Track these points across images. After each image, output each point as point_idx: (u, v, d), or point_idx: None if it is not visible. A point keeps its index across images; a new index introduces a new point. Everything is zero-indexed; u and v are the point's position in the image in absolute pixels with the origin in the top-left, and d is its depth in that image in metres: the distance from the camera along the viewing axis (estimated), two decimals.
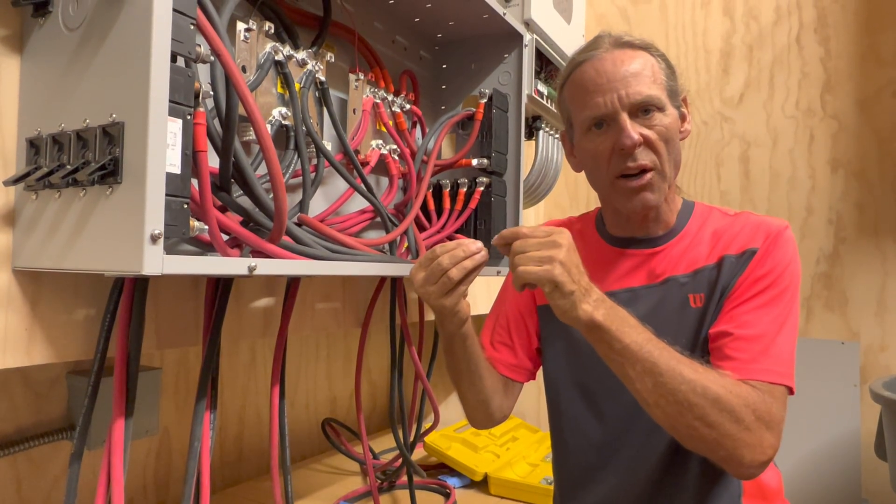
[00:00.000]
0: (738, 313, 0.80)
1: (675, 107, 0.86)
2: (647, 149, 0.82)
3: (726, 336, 0.79)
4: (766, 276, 0.81)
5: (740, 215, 0.89)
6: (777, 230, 0.84)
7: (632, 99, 0.81)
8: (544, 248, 0.71)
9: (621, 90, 0.82)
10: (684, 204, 0.93)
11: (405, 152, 1.09)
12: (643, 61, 0.83)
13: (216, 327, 0.77)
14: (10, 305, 0.63)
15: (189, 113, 0.60)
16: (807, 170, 1.70)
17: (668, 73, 0.86)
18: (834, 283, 1.65)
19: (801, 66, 1.71)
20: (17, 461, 1.03)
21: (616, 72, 0.82)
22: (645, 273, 0.89)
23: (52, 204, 0.61)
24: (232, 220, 0.70)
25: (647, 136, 0.82)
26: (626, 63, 0.82)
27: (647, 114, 0.82)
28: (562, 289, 0.70)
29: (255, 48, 0.84)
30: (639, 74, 0.82)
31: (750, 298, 0.80)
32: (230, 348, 1.43)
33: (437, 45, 1.31)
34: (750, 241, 0.84)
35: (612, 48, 0.85)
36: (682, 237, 0.89)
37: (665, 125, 0.83)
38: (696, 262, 0.86)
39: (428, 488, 1.48)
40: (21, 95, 0.65)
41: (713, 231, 0.88)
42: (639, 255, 0.91)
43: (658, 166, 0.83)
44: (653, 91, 0.82)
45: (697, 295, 0.85)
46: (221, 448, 1.42)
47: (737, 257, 0.84)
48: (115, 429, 0.66)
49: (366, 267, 0.85)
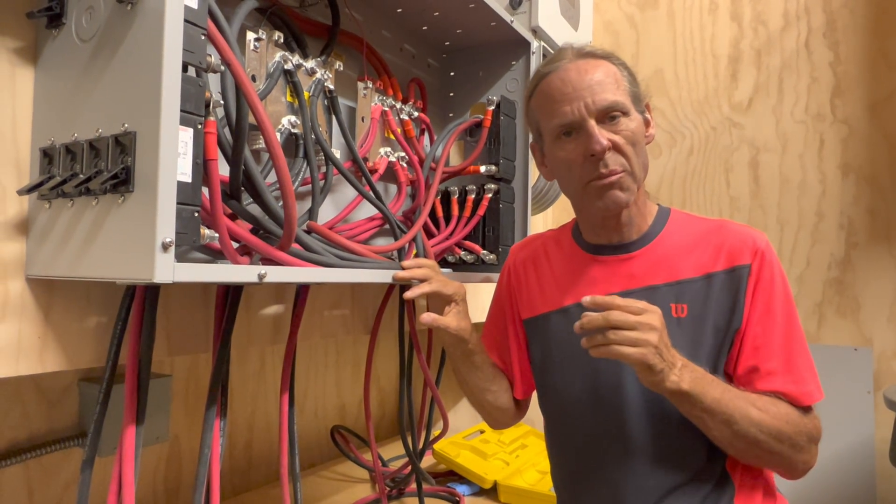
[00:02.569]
0: (761, 345, 0.82)
1: (640, 112, 0.88)
2: (615, 153, 0.84)
3: (757, 371, 0.82)
4: (768, 297, 0.83)
5: (720, 225, 0.89)
6: (763, 244, 0.85)
7: (598, 105, 0.83)
8: (641, 330, 0.73)
9: (587, 98, 0.83)
10: (659, 210, 0.93)
11: (413, 159, 1.09)
12: (605, 69, 0.86)
13: (226, 334, 0.78)
14: (24, 313, 0.64)
15: (200, 122, 0.60)
16: (817, 175, 1.68)
17: (631, 80, 0.88)
18: (846, 288, 1.63)
19: (810, 71, 1.71)
20: (29, 468, 1.03)
21: (581, 80, 0.84)
22: (622, 279, 0.89)
23: (65, 213, 0.61)
24: (242, 228, 0.71)
25: (615, 141, 0.84)
26: (589, 72, 0.85)
27: (613, 119, 0.84)
28: (653, 369, 0.73)
29: (265, 57, 0.84)
30: (602, 82, 0.84)
31: (764, 326, 0.83)
32: (240, 356, 1.44)
33: (444, 53, 1.31)
34: (737, 257, 0.85)
35: (575, 59, 0.87)
36: (657, 243, 0.90)
37: (631, 129, 0.84)
38: (677, 271, 0.87)
39: (437, 496, 1.48)
40: (35, 106, 0.66)
41: (691, 239, 0.89)
42: (613, 261, 0.91)
43: (627, 168, 0.85)
44: (617, 97, 0.84)
45: (680, 305, 0.86)
46: (231, 455, 1.43)
47: (726, 273, 0.85)
48: (126, 435, 0.66)
49: (375, 274, 0.86)
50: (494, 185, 1.17)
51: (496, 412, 1.02)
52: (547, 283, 0.97)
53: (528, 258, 1.01)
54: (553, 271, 0.97)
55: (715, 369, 0.84)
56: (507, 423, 1.06)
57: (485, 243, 1.18)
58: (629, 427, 0.85)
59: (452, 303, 0.93)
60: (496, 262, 1.17)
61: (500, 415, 1.03)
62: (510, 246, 1.19)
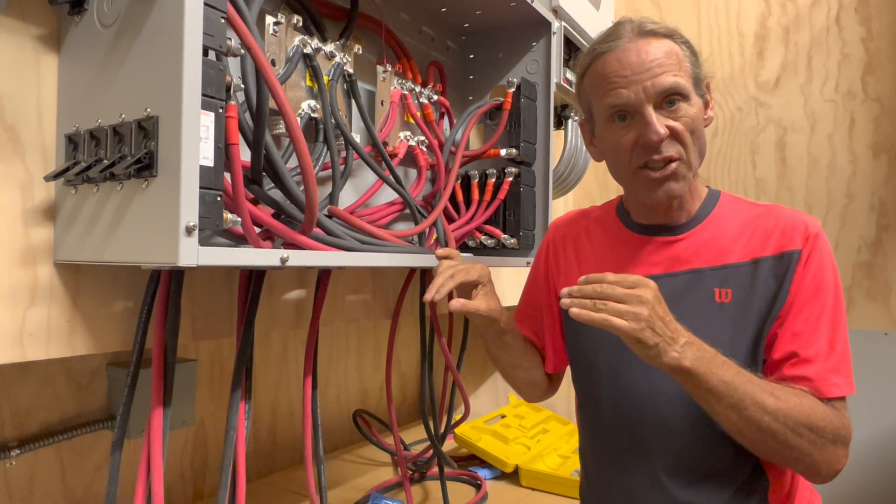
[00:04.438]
0: (801, 331, 0.79)
1: (700, 95, 0.84)
2: (672, 140, 0.81)
3: (794, 357, 0.79)
4: (817, 284, 0.80)
5: (770, 210, 0.86)
6: (815, 230, 0.82)
7: (657, 88, 0.80)
8: (629, 302, 0.71)
9: (646, 81, 0.80)
10: (709, 193, 0.91)
11: (433, 143, 1.09)
12: (668, 49, 0.81)
13: (249, 319, 0.78)
14: (53, 298, 0.65)
15: (221, 106, 0.60)
16: (847, 155, 1.64)
17: (693, 61, 0.84)
18: (876, 272, 1.59)
19: (840, 48, 1.65)
20: (61, 450, 1.06)
21: (641, 63, 0.80)
22: (666, 260, 0.88)
23: (90, 198, 0.62)
24: (264, 213, 0.71)
25: (674, 128, 0.80)
26: (650, 52, 0.81)
27: (672, 105, 0.81)
28: (644, 343, 0.71)
29: (284, 41, 0.84)
30: (663, 63, 0.80)
31: (808, 312, 0.79)
32: (262, 341, 1.45)
33: (463, 35, 1.30)
34: (788, 242, 0.82)
35: (635, 37, 0.82)
36: (705, 226, 0.87)
37: (691, 116, 0.81)
38: (724, 255, 0.84)
39: (459, 479, 1.49)
40: (59, 92, 0.66)
41: (741, 223, 0.86)
42: (660, 243, 0.89)
43: (684, 157, 0.81)
44: (679, 80, 0.80)
45: (724, 290, 0.83)
46: (255, 438, 1.45)
47: (775, 259, 0.82)
48: (154, 418, 0.67)
49: (396, 258, 0.85)
50: (515, 168, 1.15)
51: (528, 388, 1.05)
52: (586, 261, 0.96)
53: (567, 235, 1.00)
54: (594, 250, 0.96)
55: (755, 356, 0.81)
56: (539, 398, 1.08)
57: (505, 227, 1.17)
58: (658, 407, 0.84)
59: (479, 285, 0.93)
60: (517, 246, 1.16)
61: (533, 390, 1.05)
62: (531, 230, 1.18)
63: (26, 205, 0.63)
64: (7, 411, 0.98)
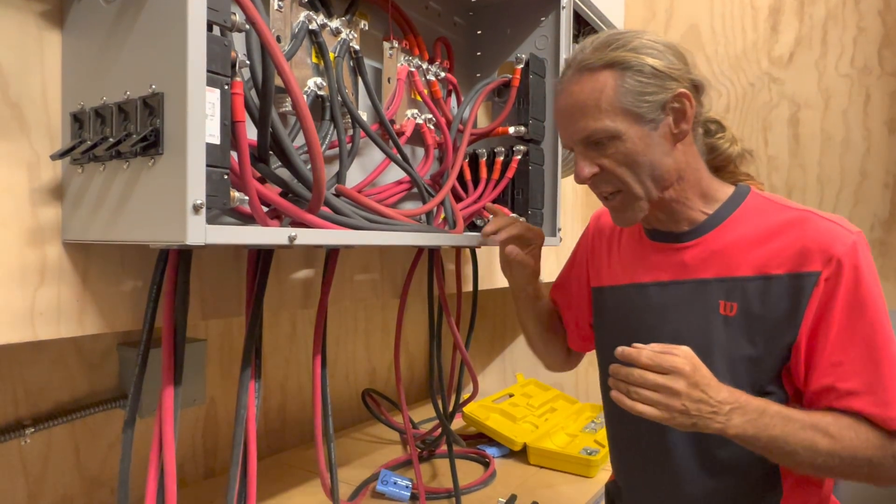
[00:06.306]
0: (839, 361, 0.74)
1: (650, 120, 0.78)
2: (604, 176, 0.82)
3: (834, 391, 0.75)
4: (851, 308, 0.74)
5: (801, 219, 0.79)
6: (845, 248, 0.74)
7: (576, 137, 0.82)
8: (662, 392, 0.70)
9: (569, 127, 0.82)
10: (733, 195, 0.86)
11: (441, 121, 1.07)
12: (594, 88, 0.78)
13: (258, 298, 0.78)
14: (62, 277, 0.65)
15: (227, 83, 0.59)
16: (862, 131, 1.61)
17: (636, 90, 0.77)
18: (890, 250, 1.57)
19: (857, 21, 1.61)
20: (75, 428, 1.08)
21: (567, 108, 0.82)
22: (674, 267, 0.87)
23: (97, 177, 0.62)
24: (271, 191, 0.70)
25: (603, 166, 0.81)
26: (573, 95, 0.81)
27: (599, 145, 0.80)
28: (680, 425, 0.72)
29: (289, 17, 0.83)
30: (585, 107, 0.79)
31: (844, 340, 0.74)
32: (271, 320, 1.46)
33: (471, 11, 1.27)
34: (806, 262, 0.76)
35: (572, 75, 0.81)
36: (719, 233, 0.84)
37: (623, 151, 0.79)
38: (733, 267, 0.81)
39: (467, 457, 1.50)
40: (64, 70, 0.65)
41: (763, 230, 0.81)
42: (668, 249, 0.88)
43: (627, 188, 0.81)
44: (598, 124, 0.78)
45: (730, 303, 0.81)
46: (266, 417, 1.46)
47: (790, 278, 0.77)
48: (165, 397, 0.67)
49: (405, 236, 0.85)
50: (523, 146, 1.14)
51: (548, 357, 1.13)
52: (614, 256, 0.98)
53: (605, 226, 1.03)
54: (621, 247, 0.98)
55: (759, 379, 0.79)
56: (558, 369, 1.16)
57: (514, 206, 1.16)
58: None
59: (533, 246, 1.01)
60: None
61: (552, 360, 1.14)
62: (540, 209, 1.17)
63: (33, 184, 0.63)
64: (21, 391, 0.99)
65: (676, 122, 0.81)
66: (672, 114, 0.80)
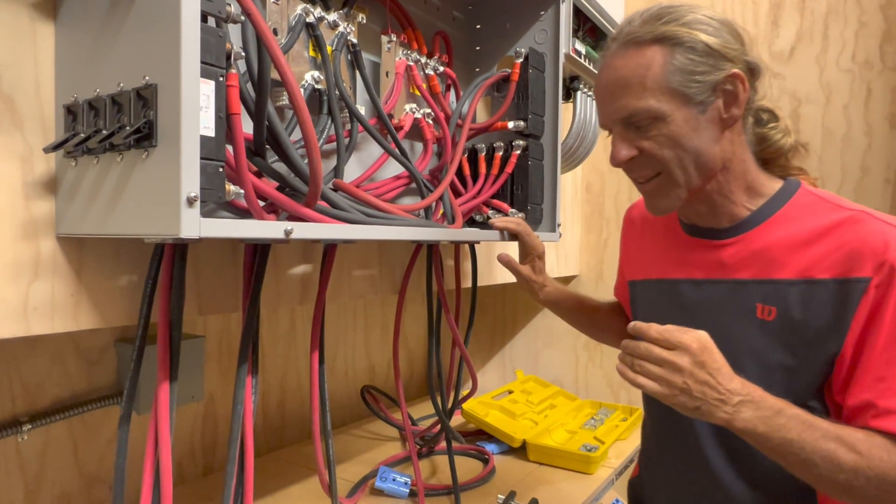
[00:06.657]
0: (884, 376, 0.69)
1: (700, 102, 0.74)
2: (645, 160, 0.77)
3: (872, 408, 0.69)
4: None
5: (854, 219, 0.73)
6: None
7: (615, 116, 0.77)
8: (665, 367, 0.68)
9: (608, 106, 0.77)
10: (781, 190, 0.80)
11: (439, 116, 1.07)
12: (640, 64, 0.74)
13: (255, 293, 0.78)
14: (56, 272, 0.64)
15: (221, 74, 0.59)
16: (863, 127, 1.60)
17: (686, 68, 0.73)
18: None
19: (858, 16, 1.60)
20: (73, 425, 1.07)
21: (608, 85, 0.77)
22: (710, 265, 0.83)
23: (90, 170, 0.61)
24: (268, 186, 0.70)
25: (643, 149, 0.76)
26: (618, 71, 0.76)
27: (640, 126, 0.76)
28: (682, 407, 0.68)
29: (286, 10, 0.82)
30: (627, 86, 0.74)
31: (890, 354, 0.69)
32: (270, 316, 1.45)
33: (470, 5, 1.26)
34: (855, 267, 0.70)
35: (617, 49, 0.77)
36: (761, 231, 0.79)
37: (666, 133, 0.74)
38: (774, 269, 0.76)
39: (467, 454, 1.50)
40: (57, 62, 0.65)
41: (810, 230, 0.75)
42: (706, 246, 0.84)
43: (665, 172, 0.77)
44: (641, 104, 0.74)
45: (768, 307, 0.76)
46: (265, 414, 1.46)
47: (836, 284, 0.71)
48: (161, 393, 0.67)
49: (404, 231, 0.84)
50: (523, 141, 1.13)
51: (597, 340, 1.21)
52: (648, 249, 0.96)
53: (638, 217, 1.02)
54: (655, 240, 0.95)
55: (797, 391, 0.74)
56: None
57: (513, 202, 1.15)
58: None
59: (530, 255, 1.06)
60: (525, 220, 1.14)
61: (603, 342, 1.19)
62: (539, 204, 1.16)
63: (26, 177, 0.62)
64: (18, 387, 0.99)
65: (727, 107, 0.75)
66: (723, 96, 0.75)
